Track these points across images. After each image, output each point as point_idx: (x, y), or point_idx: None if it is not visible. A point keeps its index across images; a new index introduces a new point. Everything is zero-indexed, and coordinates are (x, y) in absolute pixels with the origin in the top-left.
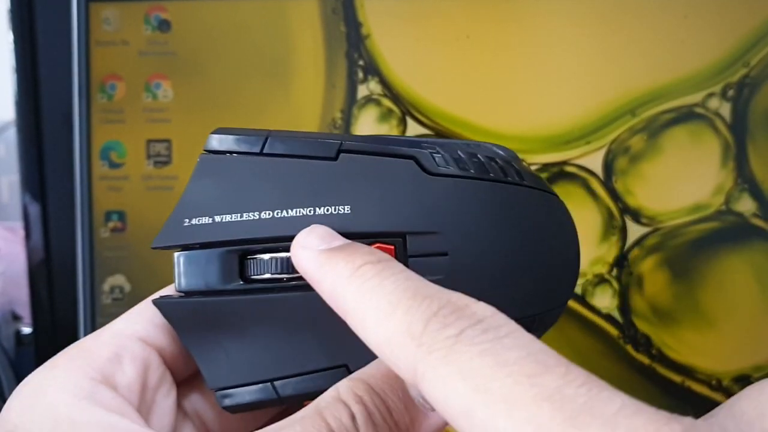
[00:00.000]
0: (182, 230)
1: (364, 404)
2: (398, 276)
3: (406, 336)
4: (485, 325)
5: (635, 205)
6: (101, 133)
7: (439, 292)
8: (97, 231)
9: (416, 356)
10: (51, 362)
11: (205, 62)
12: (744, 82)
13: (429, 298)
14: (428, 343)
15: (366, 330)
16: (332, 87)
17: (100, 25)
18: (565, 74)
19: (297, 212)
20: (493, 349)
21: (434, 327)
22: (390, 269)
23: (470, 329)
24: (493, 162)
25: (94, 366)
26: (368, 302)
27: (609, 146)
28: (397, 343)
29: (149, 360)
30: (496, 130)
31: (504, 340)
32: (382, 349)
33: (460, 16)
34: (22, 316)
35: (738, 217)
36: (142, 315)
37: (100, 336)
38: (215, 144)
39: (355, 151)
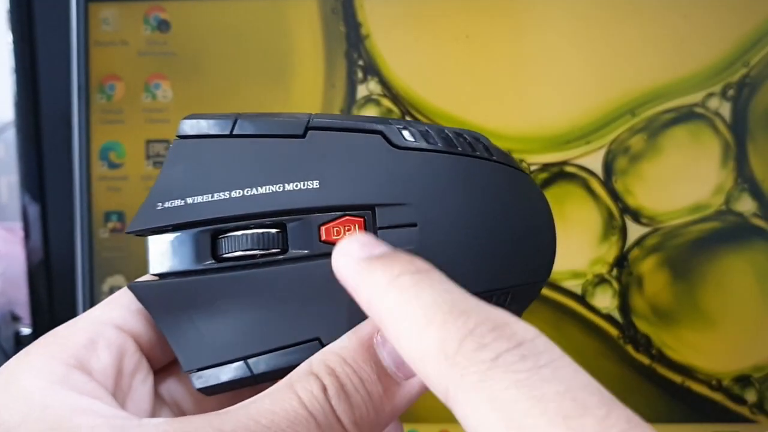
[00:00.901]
0: (155, 214)
1: (336, 376)
2: (437, 287)
3: (439, 353)
4: (524, 351)
5: (635, 205)
6: (100, 133)
7: (478, 306)
8: (97, 231)
9: (449, 376)
10: (25, 350)
11: (204, 62)
12: (744, 82)
13: (466, 313)
14: (462, 363)
15: (400, 342)
16: (332, 87)
17: (99, 25)
18: (564, 74)
19: (266, 189)
20: (530, 380)
21: (470, 347)
22: (429, 279)
23: (508, 354)
24: (461, 137)
25: (69, 352)
26: (404, 314)
27: (609, 146)
28: (430, 359)
29: (125, 346)
30: (496, 130)
31: (543, 370)
32: (415, 363)
33: (459, 16)
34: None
35: (738, 216)
36: (118, 302)
37: (76, 323)
38: (187, 129)
39: (322, 127)
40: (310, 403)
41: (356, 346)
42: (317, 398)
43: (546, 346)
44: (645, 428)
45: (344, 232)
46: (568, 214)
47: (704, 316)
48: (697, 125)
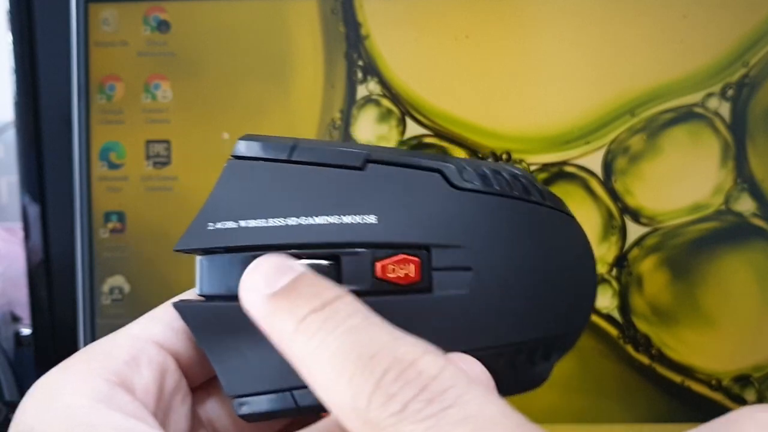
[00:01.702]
0: (206, 234)
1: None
2: (342, 328)
3: (352, 411)
4: (429, 393)
5: (635, 205)
6: (100, 133)
7: (385, 346)
8: (97, 232)
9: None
10: (66, 363)
11: (204, 63)
12: (743, 82)
13: (374, 359)
14: (374, 420)
15: (317, 392)
16: (331, 87)
17: (98, 25)
18: (564, 74)
19: (323, 219)
20: (438, 426)
21: (378, 401)
22: (334, 319)
23: (414, 402)
24: (517, 180)
25: (111, 368)
26: (314, 366)
27: (608, 146)
28: (345, 415)
29: (166, 364)
30: (495, 130)
31: (450, 411)
32: (335, 414)
33: (459, 16)
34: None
35: (737, 216)
36: (160, 319)
37: (117, 338)
38: (243, 150)
39: (382, 161)
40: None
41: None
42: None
43: (451, 379)
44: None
45: (400, 271)
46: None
47: (704, 316)
48: (696, 125)
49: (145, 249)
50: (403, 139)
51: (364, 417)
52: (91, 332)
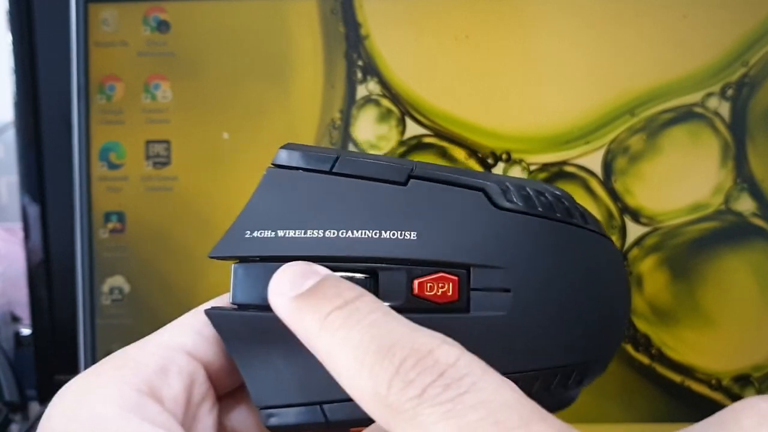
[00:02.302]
0: (243, 242)
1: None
2: (364, 323)
3: (374, 397)
4: (447, 379)
5: (634, 205)
6: (100, 133)
7: (403, 338)
8: (97, 232)
9: (387, 416)
10: (96, 369)
11: (204, 63)
12: (743, 82)
13: (392, 350)
14: (395, 404)
15: (342, 384)
16: (331, 87)
17: (98, 25)
18: (564, 74)
19: (362, 234)
20: (455, 410)
21: (398, 386)
22: (356, 314)
23: (432, 387)
24: (559, 202)
25: (141, 377)
26: (338, 359)
27: (608, 146)
28: (368, 402)
29: (195, 374)
30: (495, 130)
31: (466, 396)
32: (359, 403)
33: (459, 16)
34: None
35: (737, 216)
36: (190, 326)
37: (146, 346)
38: (283, 158)
39: (425, 178)
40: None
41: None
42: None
43: (468, 367)
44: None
45: (438, 289)
46: None
47: (704, 315)
48: (696, 125)
49: (145, 249)
50: (402, 139)
51: (385, 402)
52: (91, 332)
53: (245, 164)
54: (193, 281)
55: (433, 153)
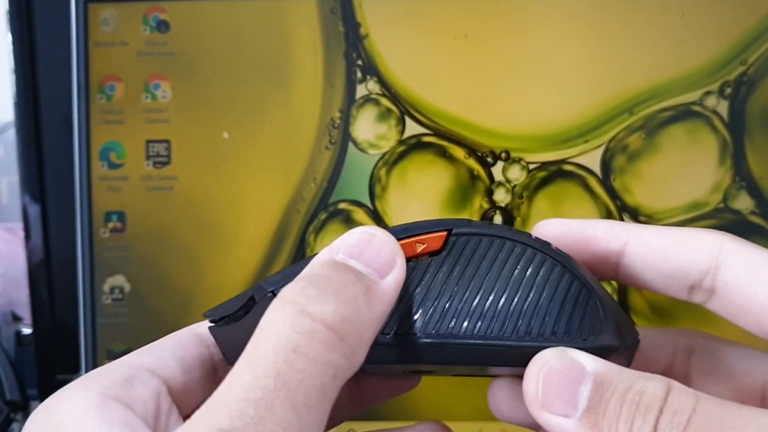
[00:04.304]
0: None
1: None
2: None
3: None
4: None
5: (633, 203)
6: (100, 133)
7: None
8: (97, 231)
9: None
10: (63, 387)
11: (204, 62)
12: (741, 80)
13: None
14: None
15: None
16: (331, 87)
17: (98, 26)
18: (563, 73)
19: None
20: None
21: None
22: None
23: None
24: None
25: (107, 386)
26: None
27: (607, 145)
28: None
29: (159, 388)
30: (494, 129)
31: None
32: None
33: (457, 15)
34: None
35: (736, 214)
36: (154, 348)
37: (111, 365)
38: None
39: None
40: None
41: (321, 263)
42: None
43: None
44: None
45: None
46: (567, 213)
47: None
48: (694, 123)
49: (146, 248)
50: (402, 138)
51: None
52: (92, 331)
53: (245, 164)
54: (193, 280)
55: (432, 152)
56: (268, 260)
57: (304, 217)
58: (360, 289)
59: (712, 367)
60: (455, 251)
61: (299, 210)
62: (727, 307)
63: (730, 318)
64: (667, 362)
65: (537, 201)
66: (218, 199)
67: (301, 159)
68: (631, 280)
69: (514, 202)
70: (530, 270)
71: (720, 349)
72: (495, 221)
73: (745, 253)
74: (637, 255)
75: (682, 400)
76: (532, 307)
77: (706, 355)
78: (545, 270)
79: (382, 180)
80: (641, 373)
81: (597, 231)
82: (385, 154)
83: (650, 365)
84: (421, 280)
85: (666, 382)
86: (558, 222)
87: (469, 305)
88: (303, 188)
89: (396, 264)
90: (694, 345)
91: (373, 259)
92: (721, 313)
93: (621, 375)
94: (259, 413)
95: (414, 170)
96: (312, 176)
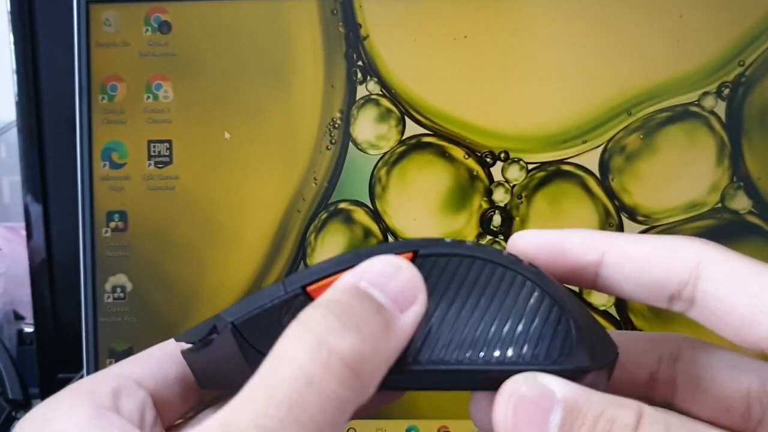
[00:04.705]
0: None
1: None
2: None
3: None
4: None
5: (631, 204)
6: (102, 133)
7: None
8: (99, 231)
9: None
10: (53, 397)
11: (205, 63)
12: (739, 81)
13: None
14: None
15: None
16: (331, 87)
17: (100, 26)
18: (561, 74)
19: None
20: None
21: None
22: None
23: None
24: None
25: (97, 397)
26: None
27: (605, 145)
28: None
29: (145, 399)
30: (494, 130)
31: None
32: None
33: (457, 16)
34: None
35: (733, 214)
36: (141, 359)
37: (98, 376)
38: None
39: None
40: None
41: (343, 288)
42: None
43: None
44: None
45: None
46: (565, 213)
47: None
48: (692, 124)
49: (147, 248)
50: (402, 139)
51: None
52: (93, 330)
53: (246, 164)
54: (194, 279)
55: (432, 152)
56: (268, 260)
57: (304, 216)
58: (380, 323)
59: (697, 374)
60: (422, 273)
61: (300, 210)
62: (708, 317)
63: (711, 327)
64: (652, 368)
65: (536, 201)
66: (219, 198)
67: (301, 159)
68: (610, 290)
69: (513, 202)
70: (499, 291)
71: (705, 357)
72: (494, 221)
73: (726, 262)
74: (615, 265)
75: (652, 429)
76: (500, 329)
77: (690, 362)
78: (515, 290)
79: (383, 180)
80: (612, 397)
81: (573, 242)
82: (386, 155)
83: (636, 371)
84: None
85: (637, 409)
86: (534, 234)
87: (436, 329)
88: (304, 188)
89: (417, 300)
90: (680, 351)
91: (396, 292)
92: (702, 322)
93: (591, 401)
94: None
95: (414, 170)
96: (312, 176)
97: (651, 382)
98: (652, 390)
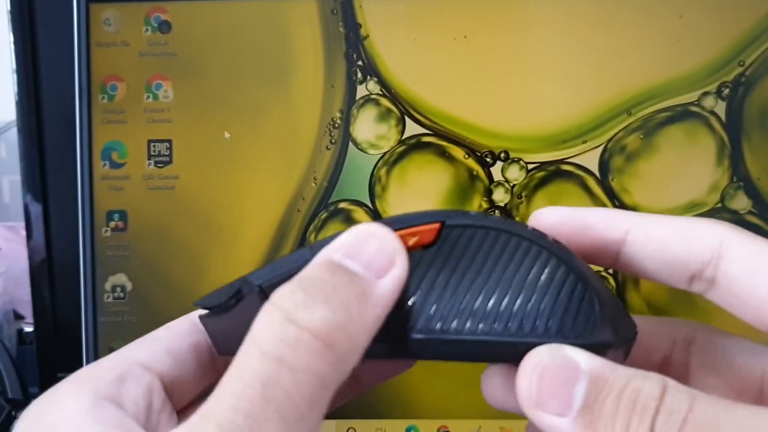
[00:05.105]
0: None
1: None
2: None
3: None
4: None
5: (631, 204)
6: (102, 133)
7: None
8: (99, 230)
9: None
10: (54, 387)
11: (205, 63)
12: (739, 81)
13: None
14: None
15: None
16: (331, 87)
17: (100, 26)
18: (561, 74)
19: None
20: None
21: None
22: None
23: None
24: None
25: (98, 386)
26: None
27: (605, 145)
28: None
29: (152, 384)
30: (493, 129)
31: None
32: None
33: (457, 16)
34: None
35: (733, 214)
36: (146, 342)
37: (103, 361)
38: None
39: None
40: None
41: (316, 264)
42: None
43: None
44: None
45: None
46: None
47: (700, 312)
48: (692, 124)
49: (147, 247)
50: (402, 138)
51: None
52: (93, 330)
53: (246, 163)
54: (194, 279)
55: (432, 152)
56: (269, 259)
57: (304, 216)
58: (353, 292)
59: (711, 358)
60: (448, 244)
61: (300, 209)
62: (728, 299)
63: (731, 309)
64: (666, 352)
65: (536, 201)
66: (219, 198)
67: (301, 159)
68: (631, 268)
69: (513, 201)
70: (524, 264)
71: (719, 341)
72: None
73: (748, 244)
74: (637, 244)
75: (677, 400)
76: (526, 303)
77: (705, 346)
78: (540, 264)
79: (383, 180)
80: (636, 370)
81: (597, 219)
82: (385, 154)
83: (649, 354)
84: (413, 274)
85: (661, 380)
86: (558, 210)
87: (461, 301)
88: (303, 188)
89: (395, 263)
90: (694, 335)
91: (370, 258)
92: (721, 303)
93: (616, 373)
94: (248, 423)
95: (414, 170)
96: (312, 176)
97: (664, 365)
98: (665, 373)
